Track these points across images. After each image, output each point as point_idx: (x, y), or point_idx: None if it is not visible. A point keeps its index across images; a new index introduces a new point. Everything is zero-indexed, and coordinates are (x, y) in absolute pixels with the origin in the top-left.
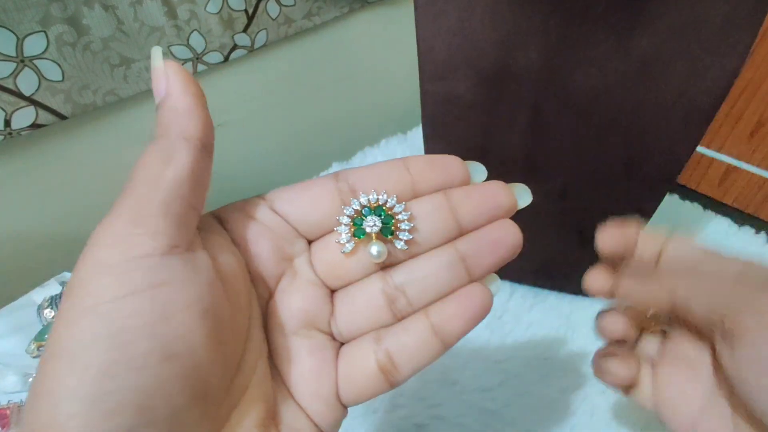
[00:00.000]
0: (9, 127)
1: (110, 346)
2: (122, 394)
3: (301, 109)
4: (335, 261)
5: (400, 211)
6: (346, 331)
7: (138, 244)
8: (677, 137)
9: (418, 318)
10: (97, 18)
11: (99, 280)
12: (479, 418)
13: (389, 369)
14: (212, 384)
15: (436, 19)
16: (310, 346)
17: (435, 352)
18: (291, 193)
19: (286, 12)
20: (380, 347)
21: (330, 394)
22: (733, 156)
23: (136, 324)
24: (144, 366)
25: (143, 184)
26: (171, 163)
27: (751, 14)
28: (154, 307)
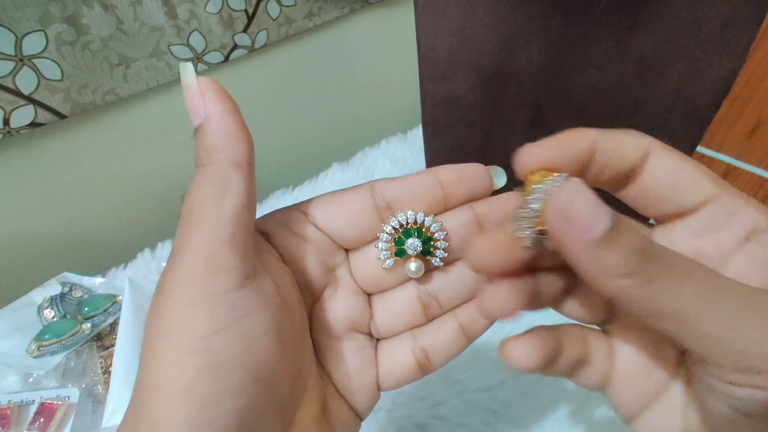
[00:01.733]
0: (8, 125)
1: (213, 378)
2: (225, 417)
3: (302, 109)
4: (374, 272)
5: (436, 231)
6: (384, 331)
7: (217, 282)
8: (677, 137)
9: (448, 319)
10: (96, 17)
11: (190, 319)
12: (480, 417)
13: (424, 363)
14: (285, 393)
15: (437, 20)
16: (353, 347)
17: (462, 346)
18: (330, 207)
19: (286, 12)
20: (416, 345)
21: (371, 385)
22: (733, 156)
23: (229, 356)
24: (240, 391)
25: (206, 219)
26: (228, 194)
27: (750, 15)
28: (238, 339)
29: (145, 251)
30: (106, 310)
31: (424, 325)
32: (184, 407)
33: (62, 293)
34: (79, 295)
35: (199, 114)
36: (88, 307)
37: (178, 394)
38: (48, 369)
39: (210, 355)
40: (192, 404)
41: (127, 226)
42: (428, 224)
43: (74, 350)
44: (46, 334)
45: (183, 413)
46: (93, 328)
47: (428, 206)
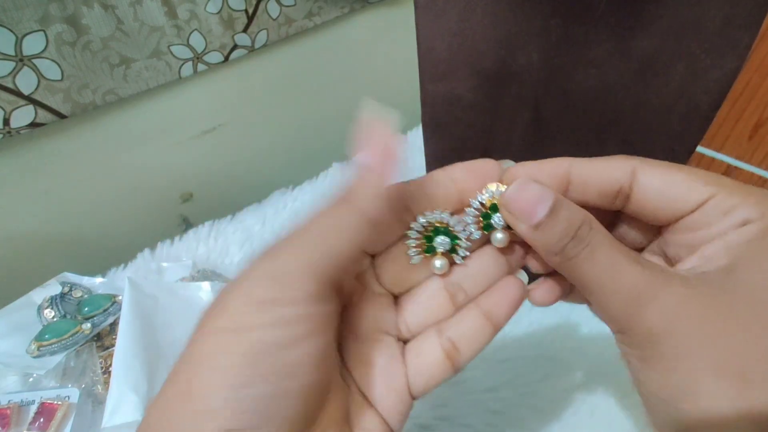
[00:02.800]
0: (8, 125)
1: (250, 361)
2: (252, 399)
3: (301, 108)
4: (399, 271)
5: (460, 230)
6: (414, 328)
7: (293, 291)
8: (677, 137)
9: (471, 308)
10: (96, 17)
11: (250, 310)
12: (484, 418)
13: (454, 354)
14: (313, 396)
15: (437, 20)
16: (380, 349)
17: (489, 334)
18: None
19: (286, 12)
20: (443, 337)
21: (401, 387)
22: (733, 156)
23: (273, 346)
24: (269, 380)
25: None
26: (346, 233)
27: (750, 15)
28: (283, 334)
29: (145, 251)
30: (106, 310)
31: (450, 318)
32: (226, 380)
33: (62, 293)
34: (79, 295)
35: (365, 156)
36: (88, 307)
37: (223, 369)
38: (48, 369)
39: (254, 342)
40: (232, 380)
41: (126, 226)
42: (453, 224)
43: (74, 350)
44: (46, 334)
45: (225, 384)
46: (93, 328)
47: (443, 205)
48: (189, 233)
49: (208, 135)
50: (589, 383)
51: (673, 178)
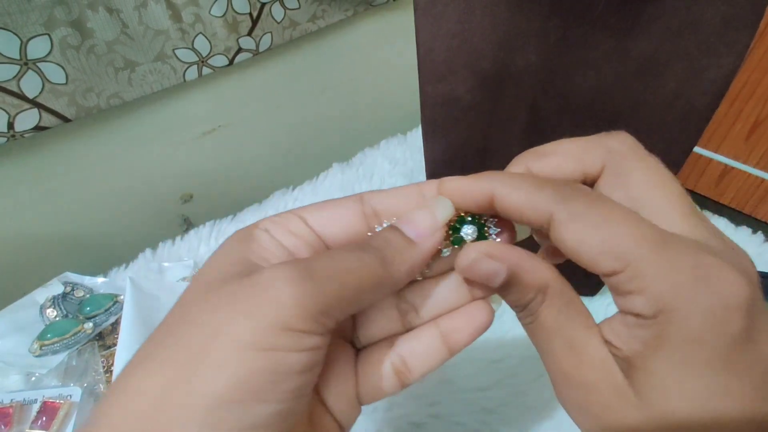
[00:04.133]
0: (12, 129)
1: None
2: (266, 417)
3: (303, 110)
4: None
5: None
6: (364, 339)
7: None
8: (674, 137)
9: (429, 327)
10: (101, 21)
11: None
12: (476, 416)
13: (402, 371)
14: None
15: (436, 22)
16: (335, 352)
17: (442, 357)
18: (322, 211)
19: (290, 15)
20: (395, 352)
21: (351, 394)
22: (730, 156)
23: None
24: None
25: (337, 284)
26: (374, 292)
27: (748, 15)
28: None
29: (146, 251)
30: (108, 309)
31: (406, 333)
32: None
33: (64, 293)
34: (81, 294)
35: (418, 232)
36: (90, 307)
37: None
38: (50, 368)
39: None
40: (237, 394)
41: (128, 227)
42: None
43: (76, 349)
44: (49, 333)
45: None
46: (95, 328)
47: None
48: (190, 233)
49: (210, 136)
50: None
51: (588, 240)
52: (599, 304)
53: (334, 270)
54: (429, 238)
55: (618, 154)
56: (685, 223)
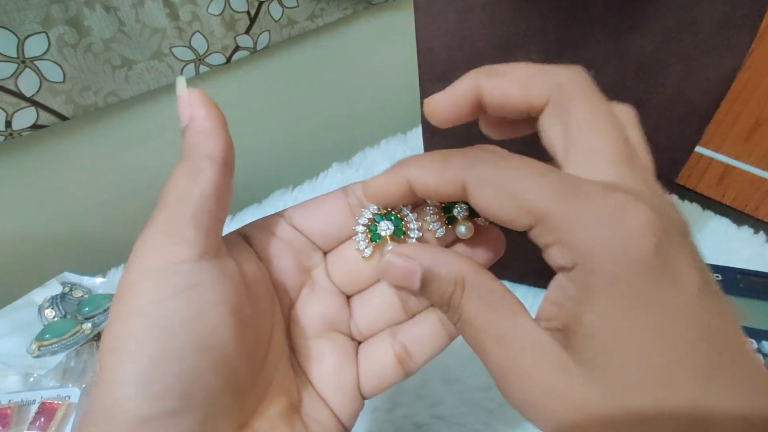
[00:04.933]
0: (10, 127)
1: (156, 340)
2: (167, 380)
3: (302, 109)
4: (351, 269)
5: (407, 214)
6: (365, 330)
7: (174, 252)
8: (675, 137)
9: (428, 313)
10: (98, 19)
11: (144, 284)
12: (479, 417)
13: (405, 359)
14: (240, 375)
15: (436, 21)
16: (332, 347)
17: (443, 341)
18: (307, 210)
19: (288, 13)
20: (396, 341)
21: (352, 387)
22: (732, 156)
23: (176, 321)
24: (183, 356)
25: (175, 200)
26: (198, 181)
27: (748, 15)
28: (190, 306)
29: None
30: (107, 310)
31: (405, 321)
32: (131, 367)
33: (63, 293)
34: (80, 295)
35: (185, 117)
36: (89, 307)
37: (125, 354)
38: (48, 369)
39: (157, 318)
40: (138, 364)
41: (127, 227)
42: (403, 211)
43: (75, 350)
44: (47, 333)
45: (128, 371)
46: (93, 328)
47: (398, 201)
48: None
49: None
50: None
51: (499, 201)
52: None
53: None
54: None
55: (565, 89)
56: (611, 169)
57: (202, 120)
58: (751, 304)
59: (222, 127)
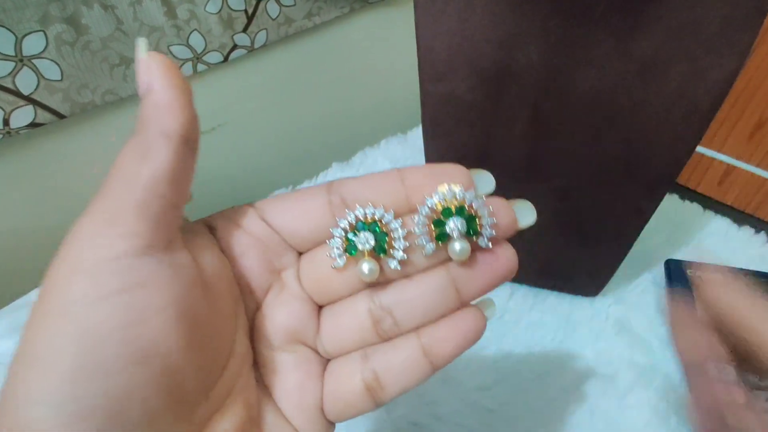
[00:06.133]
0: (8, 126)
1: (79, 350)
2: (89, 399)
3: (301, 109)
4: (322, 276)
5: (396, 228)
6: (332, 348)
7: (112, 245)
8: (677, 137)
9: (409, 338)
10: (96, 17)
11: (72, 282)
12: (477, 416)
13: (375, 388)
14: (189, 389)
15: (436, 20)
16: (295, 360)
17: (423, 373)
18: (282, 204)
19: (286, 12)
20: (367, 366)
21: (314, 409)
22: (733, 156)
23: (108, 327)
24: (114, 370)
25: (119, 182)
26: (148, 161)
27: (750, 14)
28: (127, 309)
29: None
30: None
31: (381, 343)
32: (43, 381)
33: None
34: None
35: (143, 87)
36: None
37: (37, 365)
38: None
39: (83, 323)
40: (52, 379)
41: None
42: (387, 219)
43: None
44: None
45: (39, 387)
46: None
47: (390, 205)
48: None
49: (208, 135)
50: (586, 383)
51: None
52: (601, 304)
53: (104, 182)
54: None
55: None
56: None
57: (160, 90)
58: None
59: (184, 99)
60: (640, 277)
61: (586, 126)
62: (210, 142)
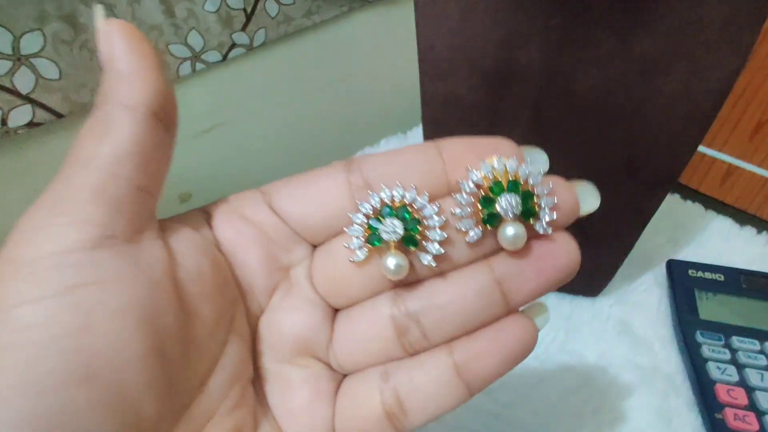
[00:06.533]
0: (6, 125)
1: (10, 363)
2: (17, 424)
3: (301, 108)
4: (338, 273)
5: (430, 215)
6: (346, 363)
7: (58, 236)
8: (678, 137)
9: (439, 353)
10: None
11: (10, 282)
12: (481, 420)
13: (396, 414)
14: (147, 412)
15: (437, 19)
16: (303, 376)
17: (456, 397)
18: (292, 187)
19: (285, 10)
20: (388, 386)
21: (323, 431)
22: (735, 156)
23: (47, 335)
24: (51, 388)
25: (74, 164)
26: (108, 137)
27: (752, 14)
28: (72, 313)
29: None
30: None
31: (402, 359)
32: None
33: None
34: None
35: (104, 58)
36: None
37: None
38: None
39: (15, 331)
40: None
41: None
42: (420, 205)
43: None
44: None
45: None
46: None
47: (424, 185)
48: None
49: (207, 134)
50: (589, 385)
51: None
52: (602, 305)
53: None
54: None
55: None
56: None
57: (122, 58)
58: (754, 304)
59: (150, 66)
60: (642, 278)
61: (587, 125)
62: (208, 142)
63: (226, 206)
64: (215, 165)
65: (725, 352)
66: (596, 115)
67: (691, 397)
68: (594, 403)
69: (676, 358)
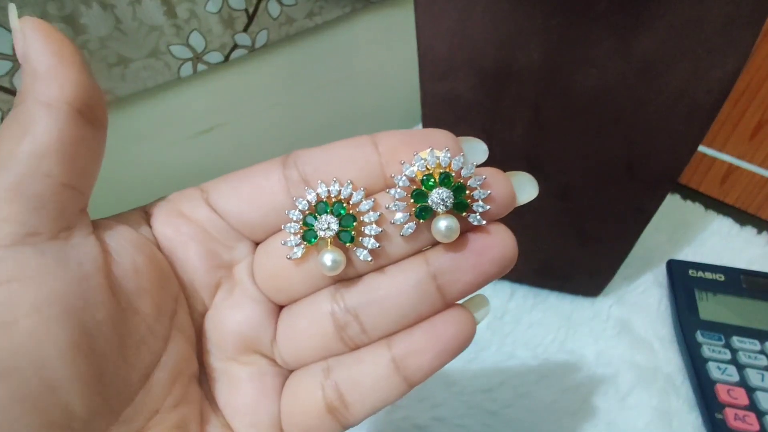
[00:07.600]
0: None
1: None
2: None
3: (302, 109)
4: (279, 270)
5: (366, 210)
6: (290, 358)
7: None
8: (679, 137)
9: (378, 348)
10: (94, 17)
11: None
12: (480, 419)
13: (338, 407)
14: (77, 410)
15: (437, 19)
16: (249, 374)
17: (395, 391)
18: (230, 183)
19: (287, 11)
20: (329, 380)
21: (270, 429)
22: (735, 156)
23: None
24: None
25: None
26: (27, 135)
27: (752, 13)
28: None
29: None
30: None
31: (346, 353)
32: None
33: None
34: None
35: (20, 57)
36: None
37: None
38: None
39: None
40: None
41: None
42: (356, 199)
43: None
44: None
45: None
46: None
47: (360, 180)
48: None
49: (207, 135)
50: (588, 385)
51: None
52: (602, 305)
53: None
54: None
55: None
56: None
57: (37, 55)
58: (754, 304)
59: (68, 63)
60: (642, 278)
61: (587, 125)
62: (209, 142)
63: (165, 204)
64: (216, 165)
65: (725, 352)
66: (596, 115)
67: (691, 397)
68: (593, 403)
69: (676, 358)
